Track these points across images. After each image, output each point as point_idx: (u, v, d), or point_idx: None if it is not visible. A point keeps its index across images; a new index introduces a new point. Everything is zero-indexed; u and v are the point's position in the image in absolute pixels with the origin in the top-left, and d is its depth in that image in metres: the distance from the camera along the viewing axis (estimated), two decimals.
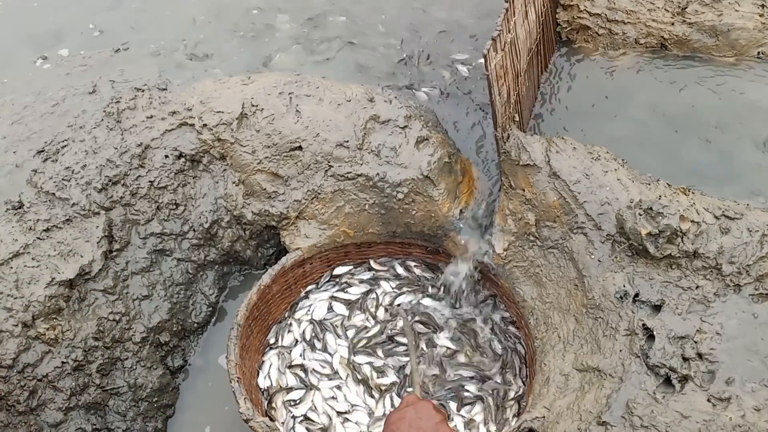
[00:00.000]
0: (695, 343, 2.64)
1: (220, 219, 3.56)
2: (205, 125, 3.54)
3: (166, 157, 3.49)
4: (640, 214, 2.86)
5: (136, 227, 3.41)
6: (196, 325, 3.53)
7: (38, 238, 3.17)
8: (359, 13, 4.41)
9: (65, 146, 3.46)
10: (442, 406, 3.09)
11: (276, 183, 3.49)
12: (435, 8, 4.39)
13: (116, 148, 3.44)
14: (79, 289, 3.17)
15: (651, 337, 2.72)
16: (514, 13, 3.14)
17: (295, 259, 3.40)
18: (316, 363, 3.27)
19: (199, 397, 3.42)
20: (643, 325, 2.76)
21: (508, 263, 3.24)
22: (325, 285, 3.53)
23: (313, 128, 3.45)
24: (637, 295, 2.84)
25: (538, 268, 3.17)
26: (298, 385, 3.21)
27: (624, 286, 2.88)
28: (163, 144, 3.52)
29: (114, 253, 3.31)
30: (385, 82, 3.93)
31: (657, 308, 2.79)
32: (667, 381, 2.63)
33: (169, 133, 3.54)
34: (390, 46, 4.19)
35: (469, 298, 3.36)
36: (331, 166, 3.41)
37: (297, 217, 3.47)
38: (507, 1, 3.02)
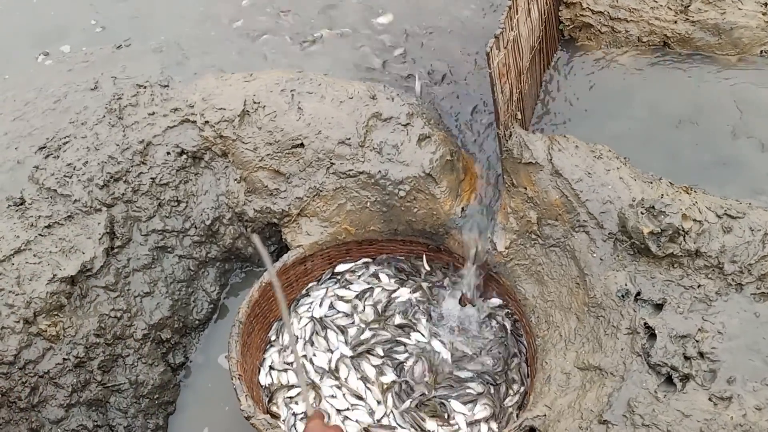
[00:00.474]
0: (697, 342, 2.64)
1: (222, 216, 3.56)
2: (207, 122, 3.54)
3: (168, 153, 3.49)
4: (643, 213, 2.86)
5: (138, 224, 3.41)
6: (197, 322, 3.53)
7: (40, 235, 3.17)
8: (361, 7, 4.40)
9: (67, 143, 3.46)
10: (443, 405, 3.09)
11: (278, 180, 3.49)
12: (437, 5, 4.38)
13: (118, 145, 3.44)
14: (80, 286, 3.17)
15: (652, 336, 2.72)
16: (517, 11, 3.14)
17: (296, 257, 3.39)
18: (316, 360, 3.27)
19: (200, 395, 3.42)
20: (645, 324, 2.75)
21: (509, 261, 3.24)
22: (327, 282, 3.53)
23: (315, 125, 3.44)
24: (638, 294, 2.84)
25: (540, 267, 3.17)
26: (299, 383, 3.21)
27: (626, 285, 2.88)
28: (165, 141, 3.51)
29: (115, 250, 3.32)
30: (381, 75, 3.92)
31: (659, 307, 2.79)
32: (669, 380, 2.63)
33: (171, 130, 3.54)
34: (389, 40, 4.19)
35: (474, 296, 3.36)
36: (332, 164, 3.40)
37: (298, 215, 3.47)
38: None
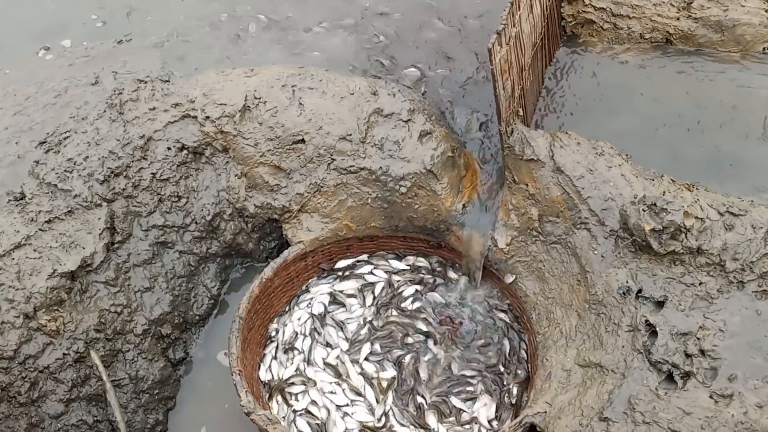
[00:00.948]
0: (698, 339, 2.63)
1: (222, 212, 3.56)
2: (208, 117, 3.53)
3: (169, 149, 3.48)
4: (644, 210, 2.85)
5: (138, 219, 3.40)
6: (197, 318, 3.52)
7: (40, 230, 3.17)
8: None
9: (67, 137, 3.45)
10: (444, 402, 3.09)
11: (278, 176, 3.49)
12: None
13: (118, 140, 3.43)
14: (80, 281, 3.16)
15: (654, 333, 2.71)
16: (519, 7, 3.13)
17: (297, 253, 3.39)
18: (317, 356, 3.27)
19: (200, 390, 3.42)
20: (646, 321, 2.75)
21: (510, 258, 3.23)
22: (327, 278, 3.53)
23: (316, 121, 3.44)
24: (640, 291, 2.84)
25: (541, 263, 3.17)
26: (299, 379, 3.21)
27: (627, 282, 2.87)
28: (166, 136, 3.51)
29: (116, 245, 3.31)
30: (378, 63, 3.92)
31: (660, 304, 2.78)
32: (670, 377, 2.63)
33: (172, 125, 3.53)
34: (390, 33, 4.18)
35: (475, 293, 3.36)
36: (333, 160, 3.40)
37: (299, 211, 3.47)
38: None
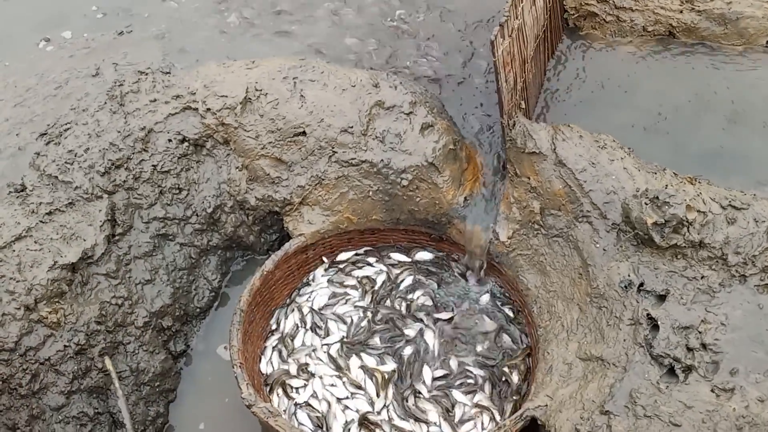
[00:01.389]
0: (699, 333, 2.63)
1: (223, 204, 3.55)
2: (209, 109, 3.52)
3: (170, 141, 3.48)
4: (647, 204, 2.84)
5: (139, 211, 3.39)
6: (198, 310, 3.52)
7: (41, 222, 3.16)
8: None
9: (68, 129, 3.44)
10: (446, 395, 3.09)
11: (279, 168, 3.48)
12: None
13: (119, 132, 3.42)
14: (81, 273, 3.16)
15: (655, 327, 2.71)
16: None
17: (298, 245, 3.38)
18: (317, 349, 3.26)
19: (201, 383, 3.42)
20: (648, 315, 2.74)
21: (512, 251, 3.23)
22: (328, 271, 3.52)
23: (318, 113, 3.43)
24: (641, 285, 2.83)
25: (543, 257, 3.16)
26: (299, 372, 3.21)
27: (629, 276, 2.87)
28: (167, 128, 3.50)
29: (116, 237, 3.31)
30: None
31: (662, 298, 2.77)
32: (671, 371, 2.62)
33: (173, 117, 3.52)
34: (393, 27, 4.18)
35: (476, 286, 3.36)
36: (335, 152, 3.39)
37: (300, 203, 3.46)
38: None
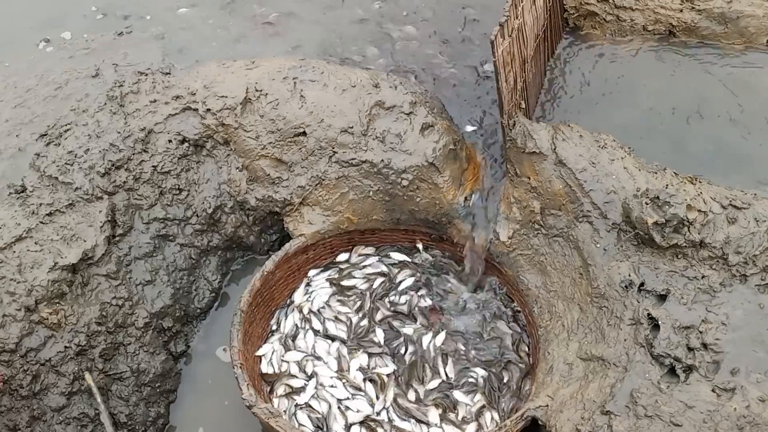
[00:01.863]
0: (700, 333, 2.63)
1: (224, 204, 3.55)
2: (209, 110, 3.52)
3: (170, 141, 3.47)
4: (647, 203, 2.84)
5: (139, 212, 3.39)
6: (198, 311, 3.52)
7: (41, 222, 3.16)
8: None
9: (68, 130, 3.44)
10: (446, 396, 3.09)
11: (280, 169, 3.47)
12: None
13: (119, 133, 3.42)
14: (81, 274, 3.16)
15: (656, 327, 2.71)
16: None
17: (298, 246, 3.38)
18: (318, 350, 3.26)
19: (201, 384, 3.42)
20: (648, 315, 2.74)
21: (512, 251, 3.22)
22: (328, 271, 3.52)
23: (318, 114, 3.42)
24: (642, 285, 2.83)
25: (543, 257, 3.16)
26: (300, 373, 3.21)
27: (629, 276, 2.86)
28: (167, 129, 3.50)
29: (117, 238, 3.30)
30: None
31: (662, 298, 2.77)
32: (672, 371, 2.62)
33: (173, 118, 3.52)
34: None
35: (477, 286, 3.36)
36: (335, 152, 3.38)
37: (301, 204, 3.46)
38: None
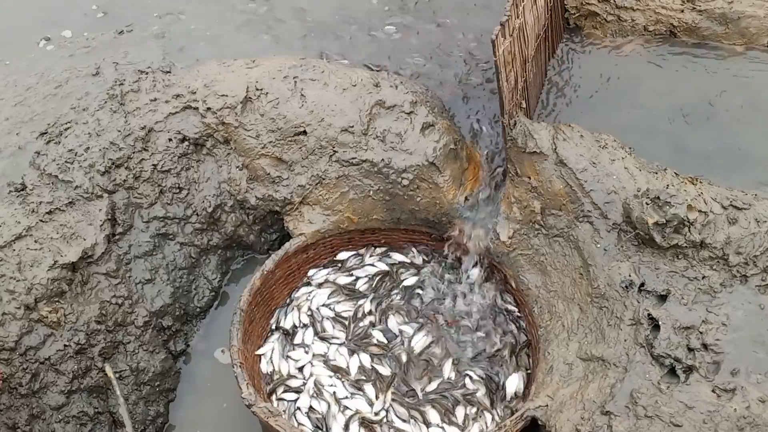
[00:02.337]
0: (701, 333, 2.62)
1: (224, 203, 3.55)
2: (209, 109, 3.52)
3: (170, 140, 3.47)
4: (648, 203, 2.84)
5: (139, 211, 3.39)
6: (198, 310, 3.52)
7: (41, 221, 3.16)
8: None
9: (68, 128, 3.44)
10: (446, 397, 3.08)
11: (280, 168, 3.47)
12: None
13: (119, 131, 3.42)
14: (81, 273, 3.16)
15: (656, 327, 2.70)
16: None
17: (298, 245, 3.38)
18: (317, 349, 3.26)
19: (200, 383, 3.42)
20: (649, 315, 2.74)
21: (512, 251, 3.22)
22: (328, 270, 3.52)
23: (318, 113, 3.42)
24: (642, 285, 2.82)
25: (543, 257, 3.15)
26: (299, 372, 3.20)
27: (629, 276, 2.86)
28: (167, 127, 3.49)
29: (117, 237, 3.30)
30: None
31: (662, 298, 2.77)
32: (672, 371, 2.62)
33: (173, 117, 3.52)
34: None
35: (477, 285, 3.36)
36: (335, 152, 3.38)
37: (301, 203, 3.45)
38: None
